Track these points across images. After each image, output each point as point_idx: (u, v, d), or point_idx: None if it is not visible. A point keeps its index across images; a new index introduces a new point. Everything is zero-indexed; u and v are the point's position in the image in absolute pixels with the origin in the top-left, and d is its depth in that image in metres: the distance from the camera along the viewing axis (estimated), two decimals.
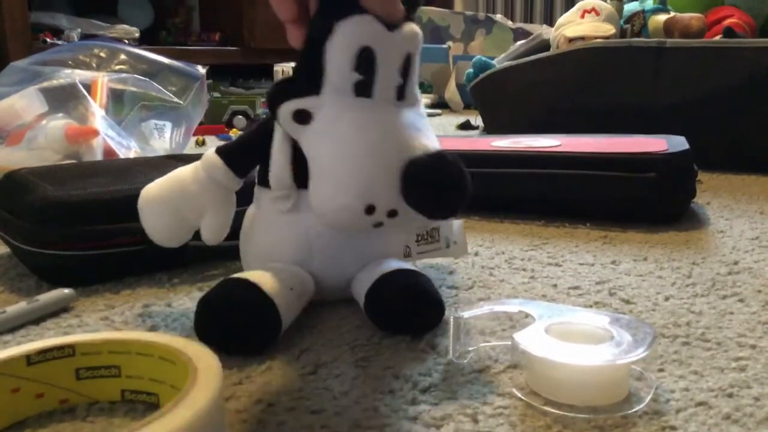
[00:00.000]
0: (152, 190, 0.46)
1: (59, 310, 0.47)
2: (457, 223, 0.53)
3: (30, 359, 0.32)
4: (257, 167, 0.47)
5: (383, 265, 0.45)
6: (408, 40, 0.41)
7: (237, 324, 0.39)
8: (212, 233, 0.46)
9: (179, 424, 0.26)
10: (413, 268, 0.45)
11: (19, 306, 0.45)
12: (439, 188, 0.38)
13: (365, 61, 0.39)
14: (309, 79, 0.40)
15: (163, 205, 0.45)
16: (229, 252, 0.54)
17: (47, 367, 0.33)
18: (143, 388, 0.34)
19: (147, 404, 0.34)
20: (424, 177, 0.38)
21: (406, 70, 0.41)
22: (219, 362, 0.31)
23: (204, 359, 0.31)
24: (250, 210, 0.48)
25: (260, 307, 0.40)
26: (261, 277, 0.42)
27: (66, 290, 0.48)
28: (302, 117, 0.40)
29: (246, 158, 0.46)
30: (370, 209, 0.38)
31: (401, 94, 0.41)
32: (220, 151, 0.45)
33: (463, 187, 0.39)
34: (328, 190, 0.39)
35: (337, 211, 0.39)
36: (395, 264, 0.45)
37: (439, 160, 0.38)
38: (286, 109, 0.40)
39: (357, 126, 0.39)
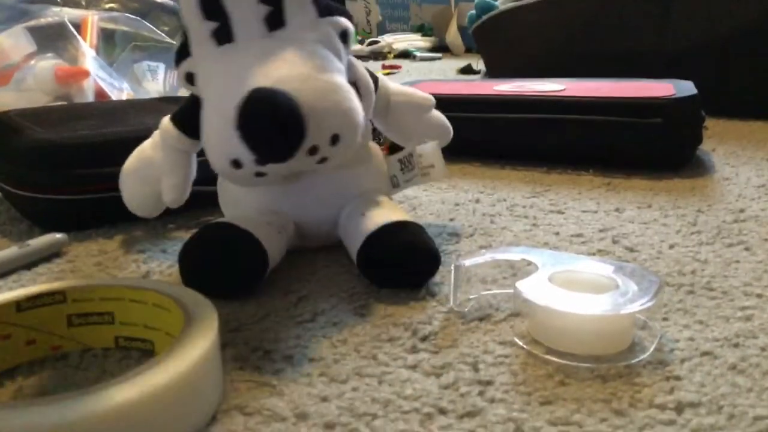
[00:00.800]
0: (126, 164, 0.46)
1: (52, 255, 0.46)
2: (430, 146, 0.49)
3: (20, 306, 0.32)
4: None
5: (372, 216, 0.42)
6: None
7: (221, 262, 0.38)
8: (170, 195, 0.44)
9: (177, 372, 0.26)
10: (404, 218, 0.42)
11: (10, 251, 0.44)
12: (260, 128, 0.34)
13: (211, 4, 0.37)
14: (185, 41, 0.39)
15: (134, 177, 0.46)
16: None
17: (38, 313, 0.32)
18: (138, 334, 0.33)
19: (142, 351, 0.33)
20: (245, 119, 0.34)
21: None
22: (215, 309, 0.31)
23: (199, 306, 0.31)
24: None
25: (241, 241, 0.39)
26: (235, 219, 0.41)
27: (58, 235, 0.47)
28: (191, 79, 0.40)
29: (196, 118, 0.43)
30: (236, 164, 0.37)
31: (277, 23, 0.38)
32: (173, 116, 0.43)
33: (289, 119, 0.34)
34: (208, 154, 0.39)
35: (220, 173, 0.39)
36: (384, 216, 0.42)
37: (257, 98, 0.34)
38: (180, 73, 0.40)
39: (219, 79, 0.38)
